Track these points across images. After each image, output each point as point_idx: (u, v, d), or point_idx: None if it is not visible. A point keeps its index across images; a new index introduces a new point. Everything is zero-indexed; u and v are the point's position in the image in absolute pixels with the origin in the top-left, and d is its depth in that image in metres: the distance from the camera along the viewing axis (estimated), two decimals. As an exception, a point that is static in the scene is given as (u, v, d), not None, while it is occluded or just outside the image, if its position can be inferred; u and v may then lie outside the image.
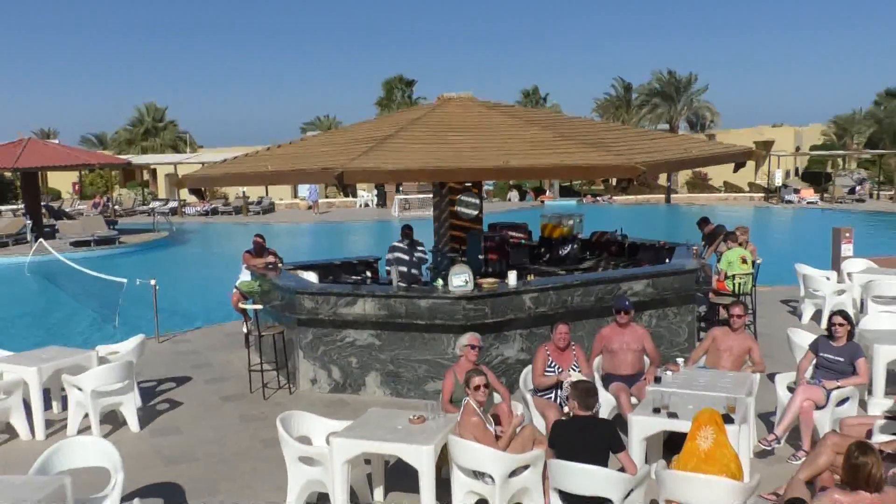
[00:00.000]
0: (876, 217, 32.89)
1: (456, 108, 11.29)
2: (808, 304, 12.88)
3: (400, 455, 6.07)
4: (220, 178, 12.78)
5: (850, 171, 46.33)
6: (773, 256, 12.54)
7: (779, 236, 28.97)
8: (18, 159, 27.98)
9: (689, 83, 51.34)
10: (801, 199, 39.26)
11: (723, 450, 5.56)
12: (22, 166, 28.40)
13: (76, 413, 8.64)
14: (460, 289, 9.14)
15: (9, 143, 30.45)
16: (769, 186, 43.00)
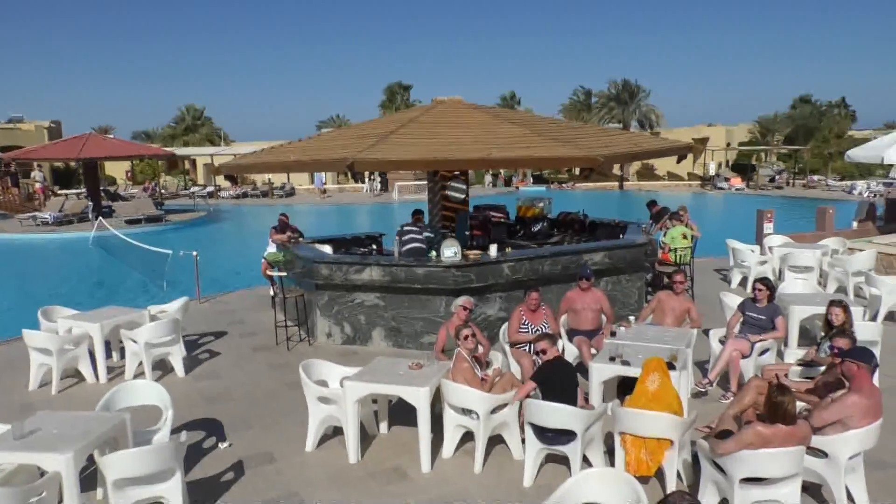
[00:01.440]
0: (792, 201, 32.95)
1: (447, 109, 11.18)
2: (736, 272, 12.91)
3: (401, 395, 6.06)
4: (249, 167, 12.59)
5: (771, 164, 46.29)
6: (707, 233, 12.52)
7: (712, 217, 28.98)
8: (82, 150, 27.64)
9: (639, 90, 51.11)
10: (730, 186, 39.22)
11: (667, 391, 5.60)
12: (84, 156, 28.05)
13: (132, 361, 8.61)
14: (450, 259, 9.12)
15: (74, 137, 30.06)
16: (704, 175, 42.99)
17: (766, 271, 12.36)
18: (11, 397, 8.08)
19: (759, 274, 12.00)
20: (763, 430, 4.77)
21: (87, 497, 5.34)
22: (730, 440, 4.88)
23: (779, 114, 50.85)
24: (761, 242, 14.15)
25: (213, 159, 41.81)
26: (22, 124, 51.71)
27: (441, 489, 5.72)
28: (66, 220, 26.92)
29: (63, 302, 9.81)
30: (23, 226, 26.79)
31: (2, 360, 9.51)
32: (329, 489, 5.76)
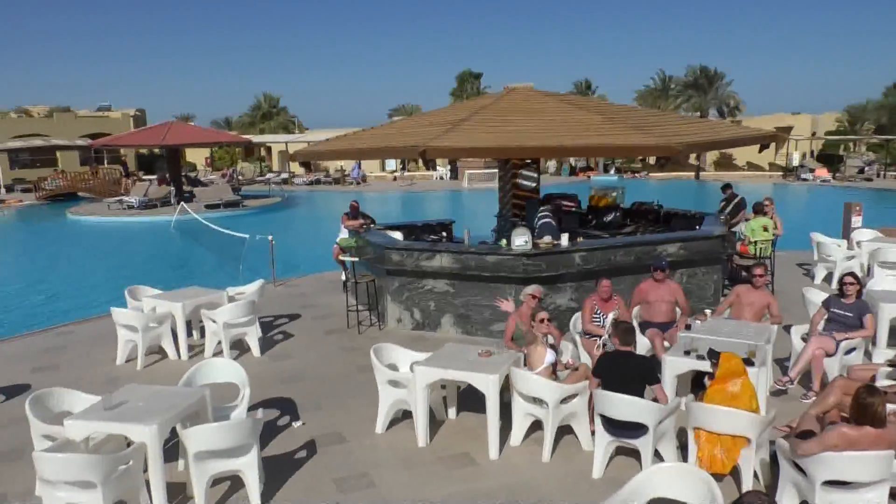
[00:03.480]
0: (883, 194, 31.22)
1: (519, 96, 11.09)
2: (821, 267, 12.36)
3: (470, 382, 6.09)
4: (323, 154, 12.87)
5: (860, 154, 43.97)
6: (789, 226, 12.03)
7: (795, 209, 27.77)
8: (165, 138, 28.82)
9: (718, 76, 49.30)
10: (815, 177, 37.44)
11: (745, 390, 5.43)
12: (167, 143, 29.24)
13: (211, 340, 8.93)
14: (521, 248, 9.07)
15: (158, 125, 31.38)
16: (787, 166, 41.19)
17: (853, 267, 11.77)
18: (100, 370, 8.53)
19: (845, 269, 11.44)
20: (849, 432, 4.56)
21: (170, 468, 5.59)
22: (812, 441, 4.69)
23: (870, 101, 48.15)
24: (848, 236, 13.48)
25: (287, 146, 42.88)
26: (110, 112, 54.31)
27: (508, 477, 5.72)
28: (151, 205, 28.14)
29: (147, 282, 10.25)
30: (110, 209, 28.18)
31: (92, 335, 10.06)
32: (398, 471, 5.86)
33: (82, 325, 10.73)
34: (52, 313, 12.71)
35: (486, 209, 14.34)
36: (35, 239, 24.95)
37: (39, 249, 22.24)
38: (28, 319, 12.39)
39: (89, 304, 12.57)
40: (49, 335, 10.29)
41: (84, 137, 43.33)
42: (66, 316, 11.78)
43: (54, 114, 51.51)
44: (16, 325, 11.82)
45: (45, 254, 21.16)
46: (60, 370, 8.64)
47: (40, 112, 54.61)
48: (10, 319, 12.69)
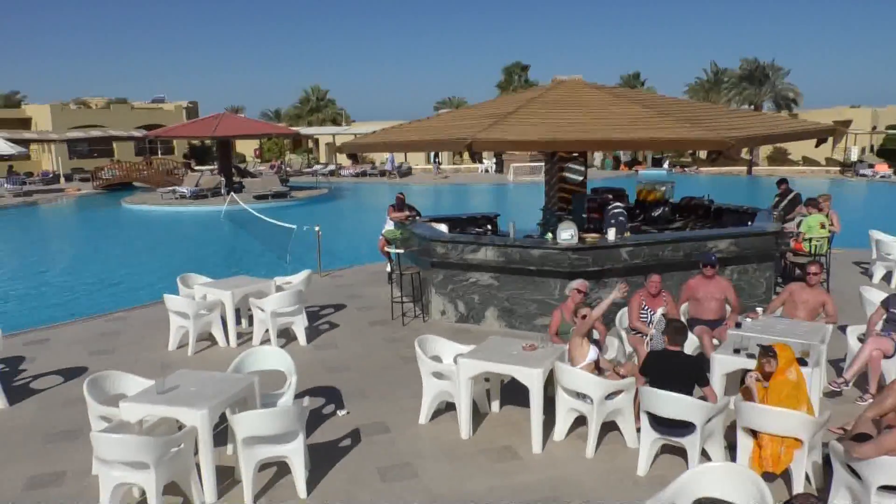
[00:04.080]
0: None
1: (567, 89, 10.97)
2: (880, 266, 11.93)
3: (514, 375, 6.08)
4: (370, 146, 13.02)
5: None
6: (846, 223, 11.63)
7: (852, 205, 26.86)
8: (216, 129, 29.44)
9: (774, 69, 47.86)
10: (875, 173, 36.14)
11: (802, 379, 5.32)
12: (218, 135, 29.87)
13: (259, 328, 9.11)
14: (567, 241, 9.00)
15: (209, 117, 32.11)
16: (845, 161, 39.85)
17: (914, 266, 11.36)
18: (153, 355, 8.79)
19: (905, 268, 11.05)
20: (908, 437, 4.41)
21: (219, 452, 5.73)
22: (869, 444, 4.55)
23: (936, 94, 46.09)
24: (910, 235, 12.99)
25: (335, 139, 43.38)
26: (164, 104, 55.66)
27: (551, 471, 5.70)
28: (201, 195, 28.78)
29: (198, 270, 10.50)
30: (163, 199, 28.93)
31: (146, 321, 10.36)
32: (441, 462, 5.89)
33: (136, 311, 11.07)
34: (108, 299, 13.13)
35: (532, 203, 14.26)
36: (92, 227, 25.80)
37: (96, 237, 23.00)
38: (85, 304, 12.85)
39: (143, 291, 12.93)
40: (105, 320, 10.64)
41: (139, 128, 44.61)
42: (120, 302, 12.15)
43: (111, 105, 53.09)
44: (74, 309, 12.26)
45: (101, 241, 21.87)
46: (115, 354, 8.93)
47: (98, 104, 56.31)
48: (69, 304, 13.17)
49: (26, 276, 16.44)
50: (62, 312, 12.11)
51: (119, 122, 45.61)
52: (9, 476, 5.82)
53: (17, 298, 14.14)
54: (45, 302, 13.66)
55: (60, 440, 6.48)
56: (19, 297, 14.23)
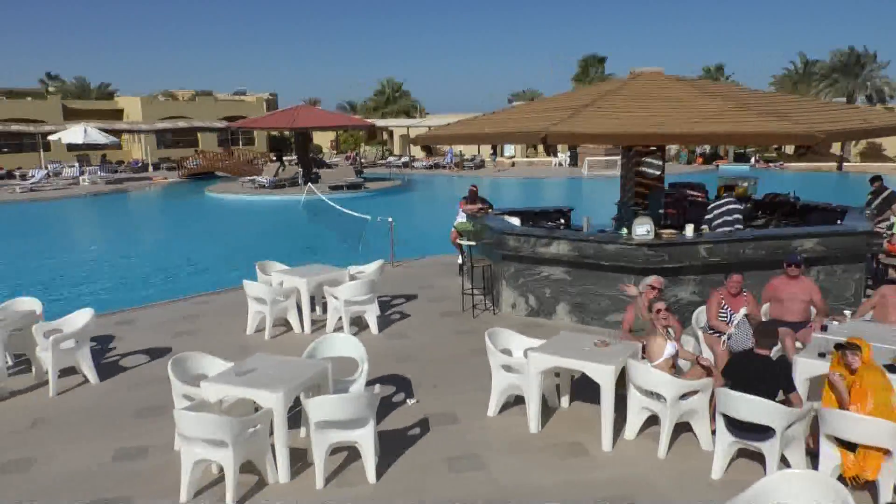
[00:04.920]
0: None
1: (645, 81, 10.69)
2: (982, 270, 11.16)
3: (585, 371, 6.00)
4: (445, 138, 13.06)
5: None
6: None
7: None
8: (295, 121, 30.20)
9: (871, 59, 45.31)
10: (979, 171, 33.82)
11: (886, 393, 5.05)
12: (297, 126, 30.62)
13: (333, 316, 9.31)
14: (642, 237, 8.81)
15: (288, 109, 32.97)
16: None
17: None
18: (232, 338, 9.12)
19: None
20: None
21: (293, 434, 5.90)
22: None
23: None
24: None
25: (409, 131, 43.76)
26: (245, 96, 57.47)
27: (621, 470, 5.62)
28: (280, 185, 29.59)
29: (276, 257, 10.80)
30: (244, 188, 29.91)
31: (225, 305, 10.76)
32: (509, 455, 5.88)
33: (217, 296, 11.50)
34: (191, 283, 13.69)
35: (606, 197, 14.01)
36: (177, 214, 26.96)
37: (181, 224, 24.03)
38: (170, 288, 13.44)
39: (223, 276, 13.41)
40: (188, 303, 11.11)
41: (222, 119, 46.21)
42: (203, 286, 12.66)
43: (197, 97, 55.17)
44: (160, 292, 12.85)
45: (185, 228, 22.84)
46: (197, 336, 9.31)
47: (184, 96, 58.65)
48: (155, 287, 13.81)
49: (117, 260, 17.35)
50: (149, 295, 12.72)
51: (203, 114, 47.38)
52: (98, 448, 6.17)
53: (108, 280, 14.94)
54: (134, 284, 14.37)
55: (146, 416, 6.82)
56: (110, 280, 15.02)
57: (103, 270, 16.03)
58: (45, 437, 6.45)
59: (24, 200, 28.90)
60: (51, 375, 7.43)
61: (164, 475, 5.58)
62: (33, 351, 7.70)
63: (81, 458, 6.01)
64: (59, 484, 5.59)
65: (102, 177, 34.67)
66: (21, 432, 6.56)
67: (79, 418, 6.84)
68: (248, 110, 49.67)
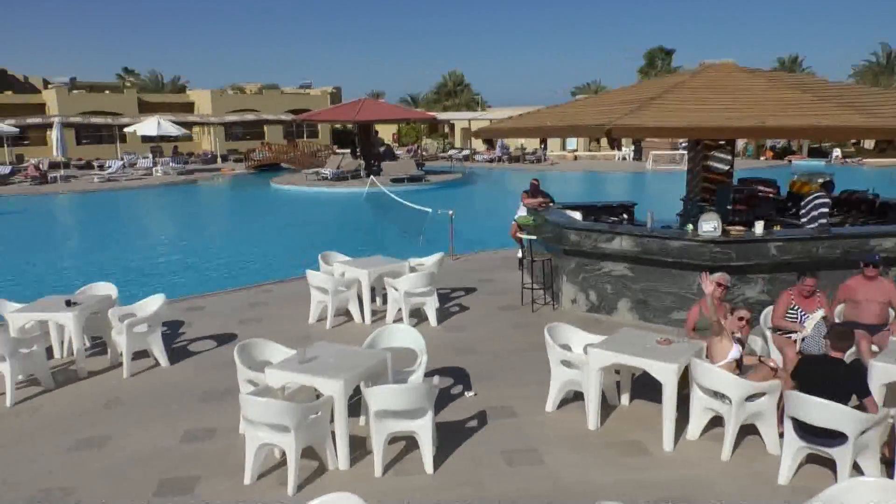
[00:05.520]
0: None
1: (716, 73, 10.41)
2: None
3: (647, 369, 5.89)
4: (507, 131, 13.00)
5: None
6: None
7: None
8: (357, 114, 30.59)
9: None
10: None
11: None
12: (360, 119, 31.01)
13: (392, 307, 9.41)
14: (708, 234, 8.59)
15: (352, 102, 33.42)
16: None
17: None
18: (294, 327, 9.33)
19: None
20: None
21: (353, 422, 6.00)
22: None
23: None
24: None
25: (470, 124, 43.73)
26: (310, 90, 58.49)
27: (683, 470, 5.50)
28: (342, 177, 30.05)
29: (338, 248, 10.98)
30: (307, 180, 30.50)
31: (289, 294, 11.01)
32: (567, 451, 5.84)
33: (281, 285, 11.79)
34: (256, 272, 14.07)
35: (671, 192, 13.71)
36: (244, 205, 27.73)
37: (247, 214, 24.71)
38: (236, 276, 13.84)
39: (287, 266, 13.70)
40: (253, 292, 11.42)
41: (287, 112, 47.20)
42: (267, 275, 13.00)
43: (264, 90, 56.48)
44: (226, 281, 13.25)
45: (251, 218, 23.46)
46: (262, 323, 9.56)
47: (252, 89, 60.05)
48: (222, 275, 14.24)
49: (186, 248, 17.98)
50: (216, 282, 13.14)
51: (270, 107, 48.50)
52: (168, 429, 6.41)
53: (178, 268, 15.49)
54: (202, 272, 14.86)
55: (212, 399, 7.05)
56: (180, 267, 15.58)
57: (174, 258, 16.64)
58: (119, 417, 6.75)
59: (102, 189, 30.22)
60: (125, 358, 7.77)
61: (230, 457, 5.77)
62: (109, 334, 8.06)
63: (152, 437, 6.26)
64: (131, 462, 5.84)
65: (174, 168, 35.90)
66: (97, 411, 6.89)
67: (150, 399, 7.14)
68: (312, 103, 50.57)
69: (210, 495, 5.28)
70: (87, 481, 5.53)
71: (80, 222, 24.51)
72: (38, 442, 6.23)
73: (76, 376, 7.75)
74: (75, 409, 6.94)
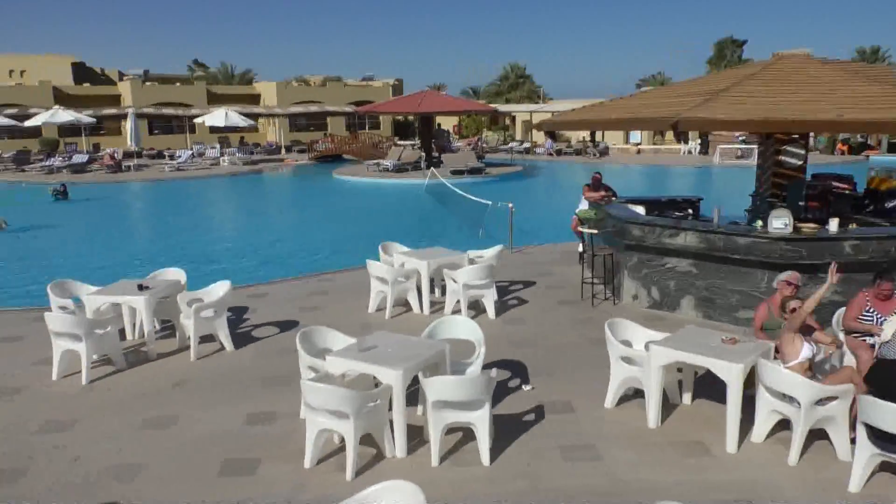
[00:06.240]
0: None
1: (790, 64, 10.00)
2: None
3: (711, 368, 5.74)
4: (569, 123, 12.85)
5: None
6: None
7: None
8: (419, 105, 30.74)
9: None
10: None
11: None
12: (421, 111, 31.15)
13: (451, 298, 9.44)
14: (779, 231, 8.30)
15: (414, 94, 33.62)
16: None
17: None
18: (354, 316, 9.46)
19: None
20: None
21: (410, 411, 6.04)
22: None
23: None
24: None
25: (532, 116, 43.39)
26: (373, 82, 59.09)
27: (747, 473, 5.34)
28: (402, 168, 30.26)
29: (398, 239, 11.08)
30: (368, 171, 30.83)
31: (349, 283, 11.18)
32: (625, 448, 5.75)
33: (342, 274, 11.98)
34: (318, 261, 14.32)
35: (739, 188, 13.33)
36: (307, 195, 28.24)
37: (310, 204, 25.14)
38: (299, 265, 14.11)
39: (348, 256, 13.91)
40: (315, 280, 11.63)
41: (350, 104, 47.82)
42: (328, 264, 13.22)
43: (327, 83, 57.37)
44: (289, 269, 13.53)
45: (314, 208, 23.88)
46: (322, 312, 9.73)
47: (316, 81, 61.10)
48: (285, 264, 14.55)
49: (251, 237, 18.44)
50: (279, 270, 13.44)
51: (333, 98, 49.24)
52: (232, 412, 6.60)
53: (243, 255, 15.91)
54: (266, 260, 15.22)
55: (274, 384, 7.23)
56: (245, 255, 15.99)
57: (239, 246, 17.09)
58: (186, 398, 6.98)
59: (172, 178, 31.27)
60: (192, 341, 8.04)
61: (290, 441, 5.90)
62: (177, 318, 8.35)
63: (216, 419, 6.46)
64: (196, 442, 6.04)
65: (240, 158, 36.82)
66: (165, 392, 7.15)
67: (215, 382, 7.36)
68: (374, 95, 51.07)
69: (271, 477, 5.41)
70: (155, 459, 5.74)
71: (151, 210, 25.43)
72: (110, 420, 6.51)
73: (146, 358, 8.06)
74: (145, 389, 7.22)
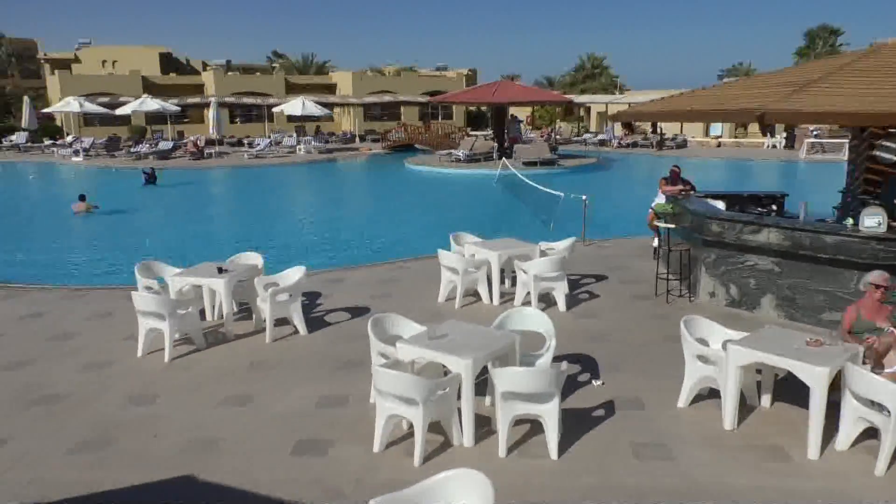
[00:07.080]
0: None
1: (890, 54, 9.43)
2: None
3: (793, 371, 5.50)
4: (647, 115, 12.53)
5: None
6: None
7: None
8: (493, 95, 30.63)
9: None
10: None
11: None
12: (495, 101, 31.03)
13: (521, 290, 9.38)
14: (871, 229, 7.87)
15: (488, 84, 33.49)
16: None
17: None
18: (424, 304, 9.53)
19: None
20: None
21: (479, 401, 6.06)
22: None
23: None
24: None
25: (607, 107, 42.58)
26: (446, 72, 59.20)
27: (829, 482, 5.11)
28: (475, 159, 30.23)
29: (469, 229, 11.08)
30: (441, 161, 30.96)
31: (420, 272, 11.27)
32: (700, 449, 5.59)
33: (413, 262, 12.09)
34: (391, 249, 14.48)
35: (827, 184, 12.68)
36: (380, 183, 28.63)
37: (382, 193, 25.48)
38: (371, 252, 14.33)
39: (420, 245, 14.03)
40: (386, 268, 11.78)
41: (423, 94, 48.08)
42: (401, 252, 13.35)
43: (401, 73, 57.84)
44: (362, 256, 13.76)
45: (387, 197, 24.18)
46: (393, 299, 9.85)
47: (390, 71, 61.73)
48: (359, 251, 14.81)
49: (326, 223, 18.84)
50: (352, 257, 13.67)
51: (407, 88, 49.62)
52: (305, 393, 6.78)
53: (318, 241, 16.27)
54: (339, 246, 15.52)
55: (346, 368, 7.37)
56: (320, 241, 16.35)
57: (315, 232, 17.50)
58: (261, 378, 7.21)
59: (251, 165, 32.26)
60: (268, 324, 8.28)
61: (361, 424, 6.00)
62: (254, 301, 8.61)
63: (290, 400, 6.64)
64: (270, 420, 6.23)
65: (316, 146, 37.59)
66: (242, 371, 7.40)
67: (289, 364, 7.57)
68: (448, 85, 51.14)
69: (342, 459, 5.53)
70: (231, 435, 5.95)
71: (231, 196, 26.32)
72: (189, 396, 6.79)
73: (224, 338, 8.36)
74: (223, 368, 7.50)
